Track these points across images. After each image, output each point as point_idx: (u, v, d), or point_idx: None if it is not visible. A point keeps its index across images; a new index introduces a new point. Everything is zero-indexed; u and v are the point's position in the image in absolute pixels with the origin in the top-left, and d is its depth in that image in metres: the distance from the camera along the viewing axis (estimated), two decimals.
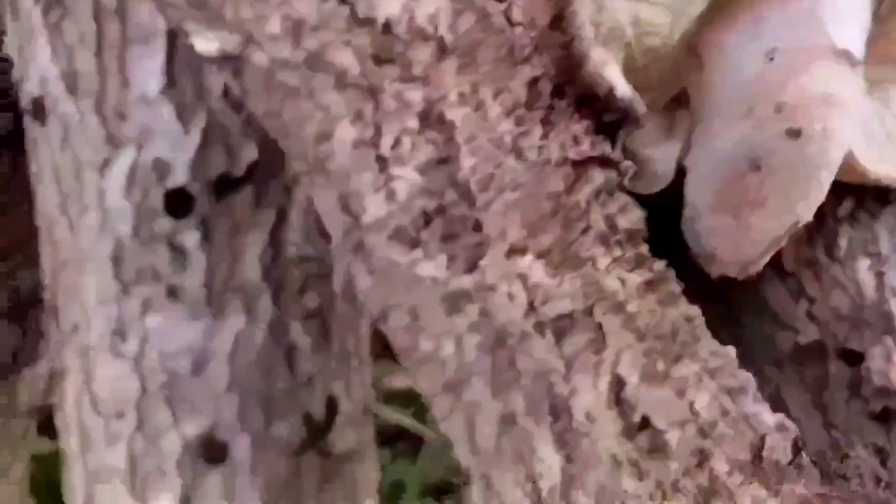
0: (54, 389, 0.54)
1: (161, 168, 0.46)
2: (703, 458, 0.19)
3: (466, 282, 0.26)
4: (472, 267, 0.25)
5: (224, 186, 0.47)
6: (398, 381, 1.12)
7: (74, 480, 0.54)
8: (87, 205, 0.47)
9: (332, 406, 0.55)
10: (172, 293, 0.48)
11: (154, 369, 0.49)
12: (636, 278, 0.19)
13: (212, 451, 0.50)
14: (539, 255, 0.21)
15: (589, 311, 0.20)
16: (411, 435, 1.13)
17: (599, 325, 0.20)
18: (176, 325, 0.48)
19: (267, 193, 0.49)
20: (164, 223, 0.47)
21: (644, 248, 0.19)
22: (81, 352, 0.50)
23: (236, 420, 0.50)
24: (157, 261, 0.48)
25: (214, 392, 0.49)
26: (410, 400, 1.18)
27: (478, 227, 0.24)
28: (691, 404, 0.18)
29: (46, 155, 0.49)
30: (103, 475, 0.51)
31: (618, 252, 0.19)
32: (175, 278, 0.48)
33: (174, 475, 0.50)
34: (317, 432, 0.54)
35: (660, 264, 0.18)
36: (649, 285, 0.19)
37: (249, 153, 0.48)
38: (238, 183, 0.48)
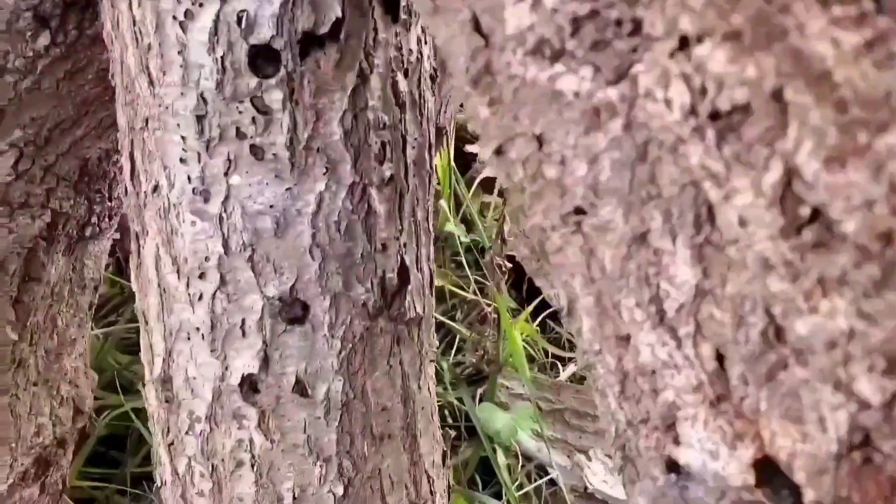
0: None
1: (246, 22, 0.46)
2: (886, 242, 0.19)
3: (613, 93, 0.26)
4: (622, 75, 0.25)
5: (308, 44, 0.47)
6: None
7: (153, 340, 0.55)
8: (169, 60, 0.47)
9: (403, 274, 0.56)
10: (256, 152, 0.48)
11: (237, 229, 0.50)
12: (853, 39, 0.18)
13: (292, 310, 0.52)
14: (725, 39, 0.20)
15: (777, 94, 0.19)
16: (444, 331, 1.16)
17: (785, 108, 0.20)
18: (259, 184, 0.49)
19: (350, 54, 0.48)
20: (249, 80, 0.47)
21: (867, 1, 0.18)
22: (162, 212, 0.51)
23: (316, 281, 0.51)
24: (241, 119, 0.48)
25: (296, 252, 0.50)
26: (441, 299, 1.20)
27: (636, 28, 0.23)
28: (892, 176, 0.18)
29: (125, 9, 0.48)
30: (183, 334, 0.53)
31: (837, 11, 0.18)
32: (259, 138, 0.48)
33: (255, 334, 0.52)
34: (390, 297, 0.55)
35: (884, 20, 0.17)
36: (868, 46, 0.18)
37: (334, 10, 0.47)
38: (322, 41, 0.47)
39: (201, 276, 0.51)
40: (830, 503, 0.26)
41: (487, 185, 1.37)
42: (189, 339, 0.53)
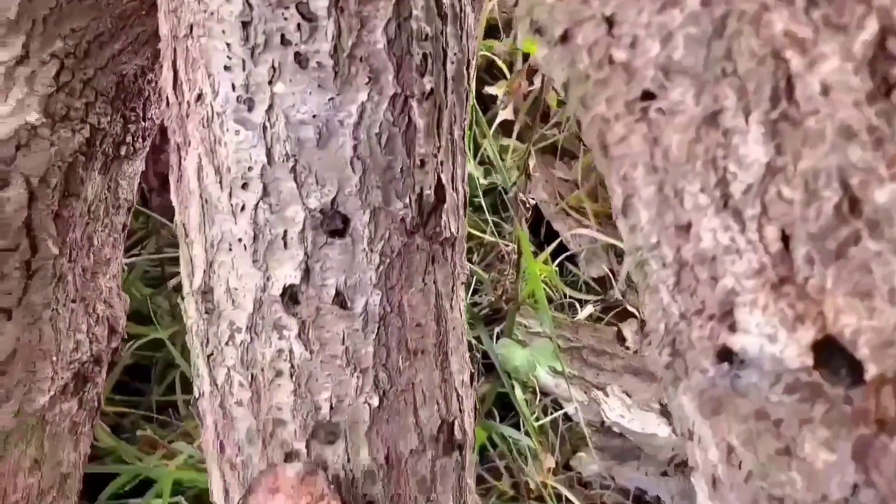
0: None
1: None
2: None
3: None
4: None
5: None
6: None
7: (193, 252, 0.56)
8: None
9: (440, 192, 0.56)
10: (300, 61, 0.48)
11: (280, 138, 0.50)
12: None
13: (333, 223, 0.52)
14: None
15: None
16: None
17: None
18: (303, 93, 0.49)
19: None
20: None
21: None
22: (205, 122, 0.51)
23: (357, 194, 0.52)
24: (286, 25, 0.47)
25: (338, 164, 0.51)
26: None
27: None
28: None
29: None
30: (225, 245, 0.54)
31: None
32: (303, 45, 0.48)
33: (296, 245, 0.52)
34: (427, 215, 0.55)
35: None
36: None
37: None
38: None
39: (244, 186, 0.51)
40: (893, 375, 0.27)
41: (507, 127, 1.37)
42: (231, 250, 0.53)
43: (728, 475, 0.38)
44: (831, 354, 0.30)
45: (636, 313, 1.15)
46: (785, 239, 0.29)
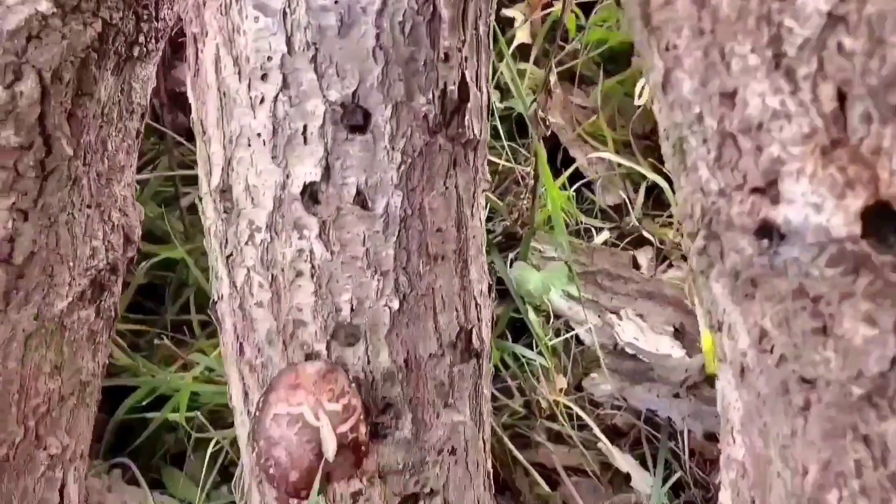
0: None
1: None
2: None
3: None
4: None
5: None
6: None
7: (211, 150, 0.55)
8: None
9: (464, 90, 0.54)
10: None
11: (300, 26, 0.48)
12: None
13: (354, 117, 0.51)
14: None
15: None
16: None
17: None
18: None
19: None
20: None
21: None
22: (223, 9, 0.49)
23: (379, 87, 0.50)
24: None
25: (360, 54, 0.49)
26: None
27: None
28: None
29: None
30: (244, 140, 0.53)
31: None
32: None
33: (316, 140, 0.51)
34: (450, 114, 0.54)
35: None
36: None
37: None
38: None
39: (263, 77, 0.50)
40: None
41: (524, 51, 1.33)
42: (250, 145, 0.52)
43: (758, 361, 0.38)
44: (881, 222, 0.29)
45: (652, 240, 1.14)
46: (841, 98, 0.27)
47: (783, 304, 0.33)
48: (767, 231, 0.32)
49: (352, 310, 0.56)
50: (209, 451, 0.94)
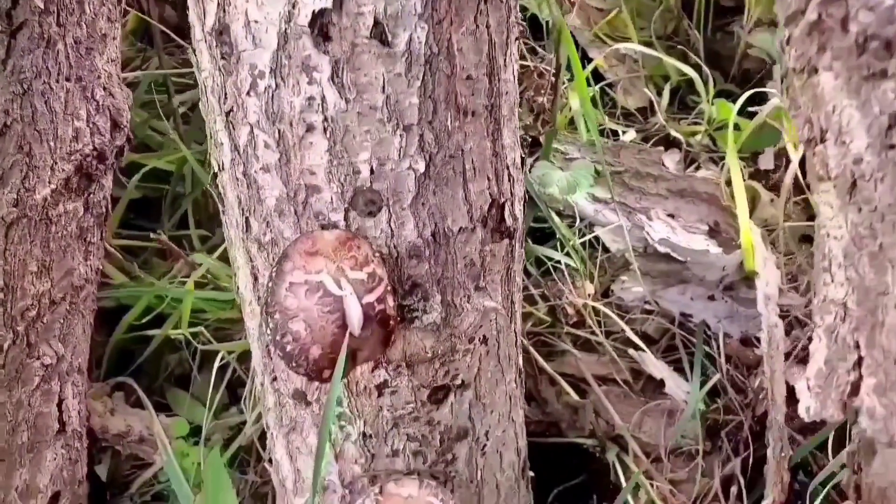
0: None
1: None
2: None
3: None
4: None
5: None
6: None
7: None
8: None
9: None
10: None
11: None
12: None
13: None
14: None
15: None
16: None
17: None
18: None
19: None
20: None
21: None
22: None
23: None
24: None
25: None
26: None
27: None
28: None
29: None
30: None
31: None
32: None
33: None
34: None
35: None
36: None
37: None
38: None
39: None
40: None
41: None
42: None
43: (879, 165, 0.31)
44: None
45: (680, 138, 1.06)
46: None
47: None
48: None
49: (372, 172, 0.49)
50: (215, 368, 0.88)
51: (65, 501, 0.79)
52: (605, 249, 0.98)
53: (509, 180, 0.57)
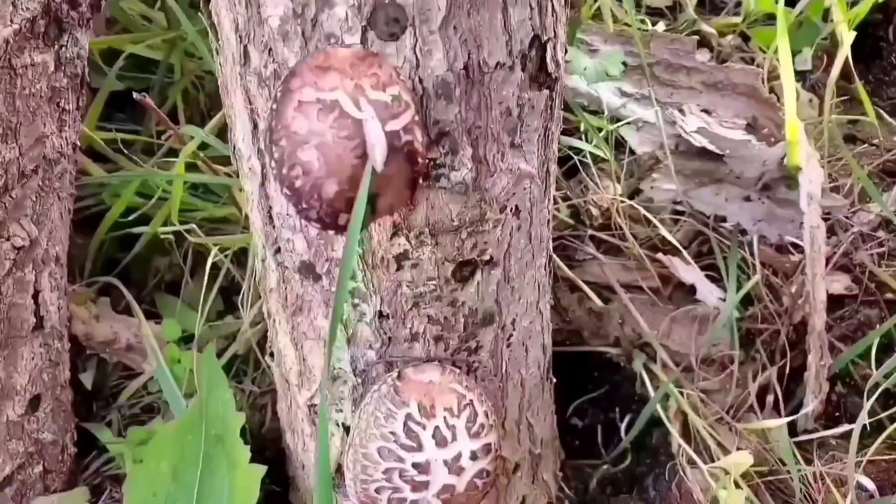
0: None
1: None
2: None
3: None
4: None
5: None
6: None
7: None
8: None
9: None
10: None
11: None
12: None
13: None
14: None
15: None
16: None
17: None
18: None
19: None
20: None
21: None
22: None
23: None
24: None
25: None
26: None
27: None
28: None
29: None
30: None
31: None
32: None
33: None
34: None
35: None
36: None
37: None
38: None
39: None
40: None
41: None
42: None
43: None
44: None
45: (712, 31, 0.98)
46: None
47: None
48: None
49: None
50: (208, 266, 0.80)
51: (46, 406, 0.72)
52: (632, 153, 0.90)
53: (553, 15, 0.48)
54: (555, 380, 0.71)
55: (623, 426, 0.80)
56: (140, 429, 0.78)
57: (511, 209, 0.52)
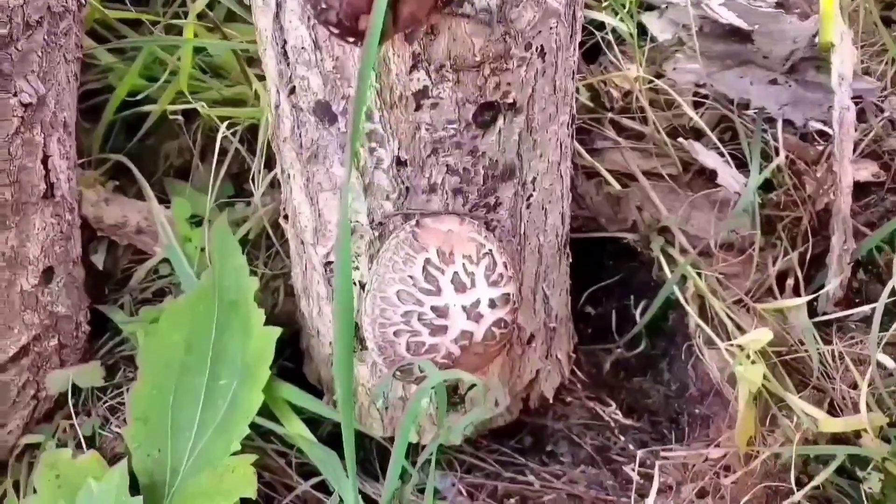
0: None
1: None
2: None
3: None
4: None
5: None
6: None
7: None
8: None
9: None
10: None
11: None
12: None
13: None
14: None
15: None
16: None
17: None
18: None
19: None
20: None
21: None
22: None
23: None
24: None
25: None
26: None
27: None
28: None
29: None
30: None
31: None
32: None
33: None
34: None
35: None
36: None
37: None
38: None
39: None
40: None
41: None
42: None
43: None
44: None
45: None
46: None
47: None
48: None
49: None
50: (218, 142, 0.79)
51: (59, 279, 0.71)
52: (653, 40, 0.87)
53: None
54: (570, 259, 0.70)
55: (638, 312, 0.80)
56: (152, 308, 0.78)
57: (536, 49, 0.50)
